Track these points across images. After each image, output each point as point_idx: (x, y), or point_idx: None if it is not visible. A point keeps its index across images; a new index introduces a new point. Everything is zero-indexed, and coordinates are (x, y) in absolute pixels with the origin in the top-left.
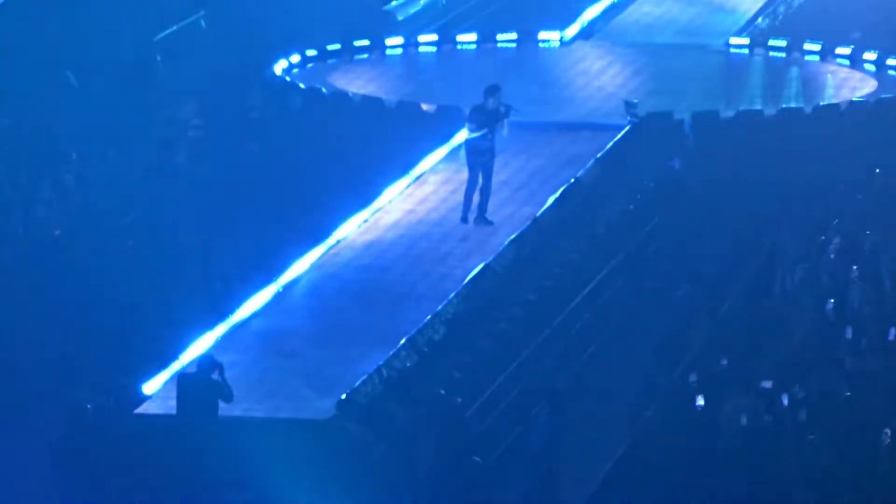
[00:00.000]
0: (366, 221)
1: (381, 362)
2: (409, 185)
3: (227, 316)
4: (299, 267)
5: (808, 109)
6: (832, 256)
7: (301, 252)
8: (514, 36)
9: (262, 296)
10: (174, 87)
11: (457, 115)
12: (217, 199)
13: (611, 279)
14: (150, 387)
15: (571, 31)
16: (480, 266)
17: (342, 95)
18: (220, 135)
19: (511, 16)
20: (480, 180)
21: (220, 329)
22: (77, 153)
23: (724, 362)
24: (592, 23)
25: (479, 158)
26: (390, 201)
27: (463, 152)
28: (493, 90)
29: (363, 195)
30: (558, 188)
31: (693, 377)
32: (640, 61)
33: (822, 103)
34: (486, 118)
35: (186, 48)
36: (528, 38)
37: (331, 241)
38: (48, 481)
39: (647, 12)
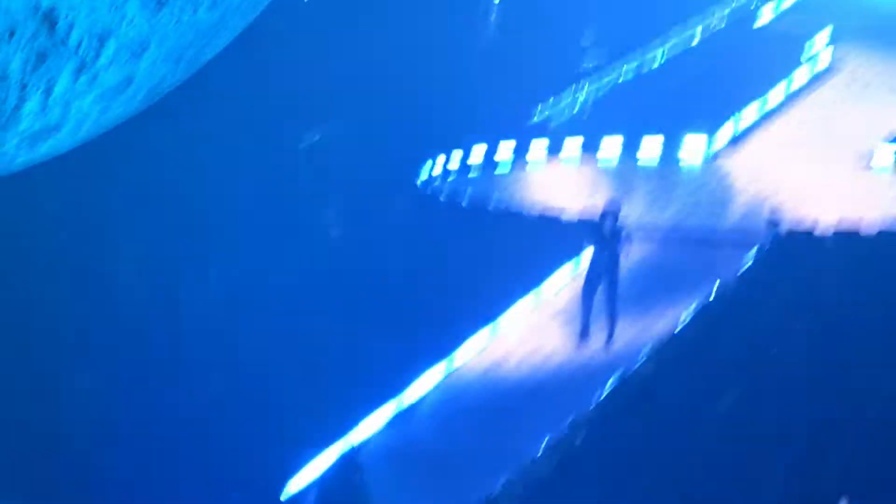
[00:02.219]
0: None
1: (519, 468)
2: (534, 304)
3: (359, 423)
4: (424, 384)
5: None
6: None
7: (425, 368)
8: (660, 142)
9: (390, 408)
10: (317, 191)
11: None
12: (353, 307)
13: (751, 393)
14: (288, 492)
15: (719, 142)
16: (616, 379)
17: (481, 208)
18: (360, 241)
19: (662, 119)
20: (599, 300)
21: (356, 435)
22: (224, 255)
23: None
24: (740, 134)
25: (599, 281)
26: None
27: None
28: (610, 212)
29: (488, 312)
30: (696, 303)
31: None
32: (785, 175)
33: None
34: (603, 239)
35: (330, 155)
36: (673, 145)
37: (456, 358)
38: None
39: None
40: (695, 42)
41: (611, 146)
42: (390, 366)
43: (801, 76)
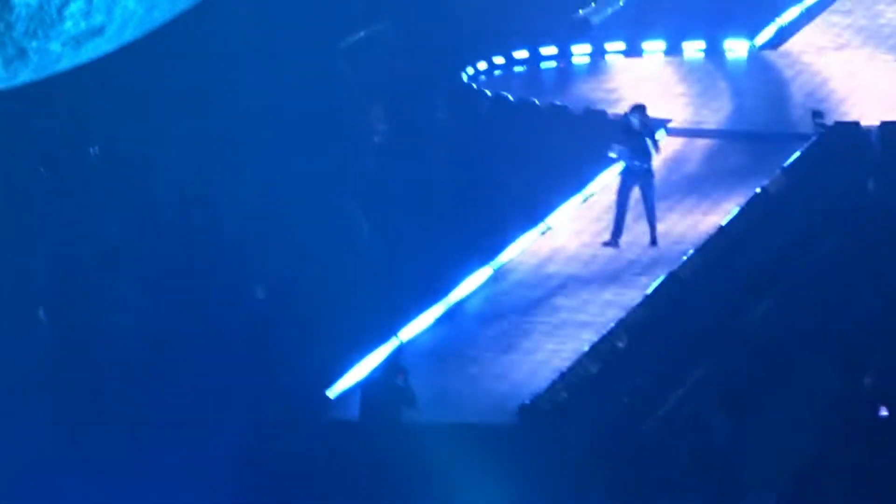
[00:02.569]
0: (544, 233)
1: (564, 369)
2: (585, 199)
3: (405, 323)
4: (470, 284)
5: None
6: None
7: (472, 269)
8: (702, 45)
9: (436, 309)
10: (359, 93)
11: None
12: (398, 208)
13: (795, 288)
14: (334, 392)
15: (761, 38)
16: (665, 275)
17: (528, 104)
18: (405, 141)
19: (702, 22)
20: (631, 202)
21: (401, 336)
22: (264, 158)
23: None
24: (782, 30)
25: (634, 182)
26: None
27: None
28: (637, 110)
29: (537, 211)
30: (743, 198)
31: (877, 386)
32: (828, 70)
33: None
34: (633, 139)
35: (372, 55)
36: (714, 46)
37: (503, 258)
38: (232, 489)
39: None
40: None
41: (653, 47)
42: (437, 266)
43: None
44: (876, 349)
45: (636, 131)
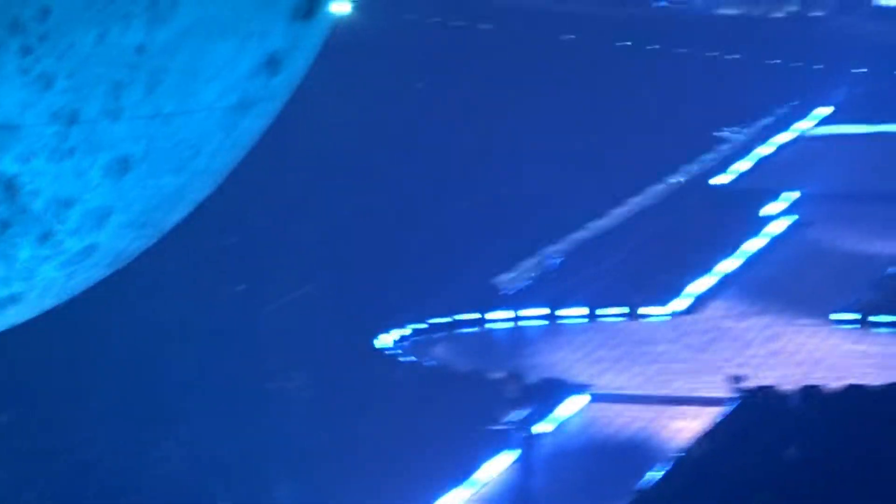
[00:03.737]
0: None
1: None
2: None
3: None
4: None
5: None
6: None
7: None
8: (620, 310)
9: None
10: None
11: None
12: None
13: None
14: None
15: (678, 305)
16: None
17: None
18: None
19: (617, 289)
20: None
21: None
22: None
23: None
24: (699, 298)
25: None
26: None
27: None
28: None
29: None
30: (662, 465)
31: None
32: (751, 334)
33: None
34: None
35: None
36: (633, 313)
37: None
38: None
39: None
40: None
41: (574, 312)
42: None
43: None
44: None
45: None
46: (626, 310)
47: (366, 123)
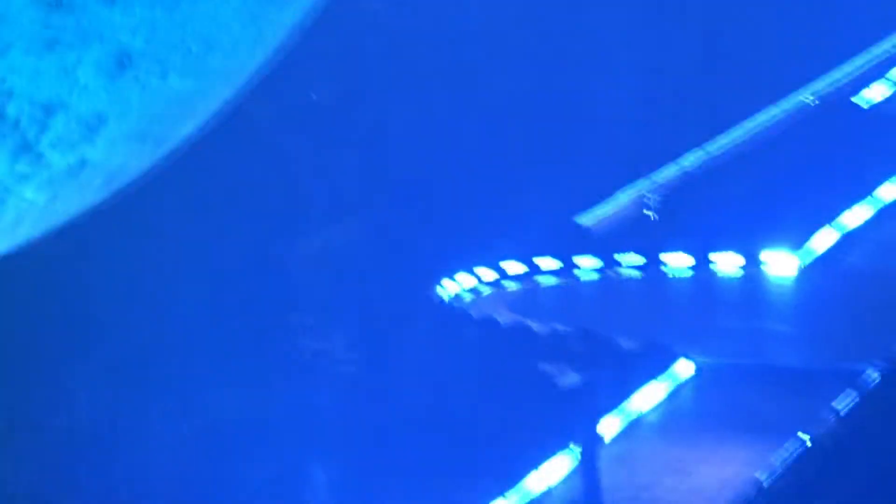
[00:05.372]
0: None
1: None
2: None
3: None
4: None
5: None
6: None
7: None
8: (737, 259)
9: None
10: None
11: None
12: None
13: None
14: None
15: (810, 252)
16: None
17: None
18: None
19: (736, 229)
20: None
21: None
22: None
23: None
24: (847, 238)
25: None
26: None
27: None
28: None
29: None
30: (786, 451)
31: None
32: None
33: None
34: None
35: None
36: (753, 261)
37: None
38: None
39: None
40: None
41: (676, 261)
42: None
43: None
44: None
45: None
46: (742, 260)
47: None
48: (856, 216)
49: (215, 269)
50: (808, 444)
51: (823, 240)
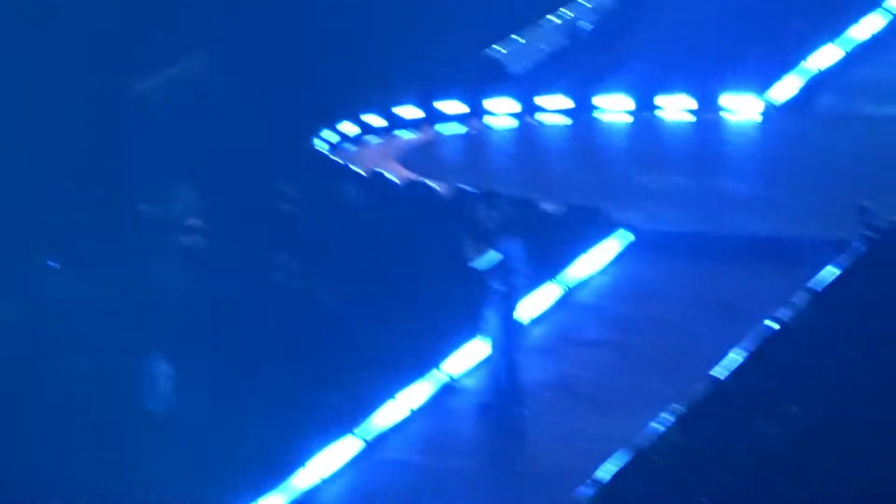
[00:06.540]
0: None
1: None
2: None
3: None
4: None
5: None
6: None
7: None
8: (688, 102)
9: None
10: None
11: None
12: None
13: None
14: None
15: (781, 92)
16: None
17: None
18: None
19: (688, 68)
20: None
21: None
22: None
23: None
24: (815, 79)
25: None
26: None
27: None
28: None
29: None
30: (751, 331)
31: None
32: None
33: None
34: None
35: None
36: (707, 104)
37: None
38: None
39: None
40: None
41: (611, 104)
42: None
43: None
44: None
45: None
46: (695, 104)
47: None
48: (826, 57)
49: None
50: (776, 330)
51: (790, 83)
